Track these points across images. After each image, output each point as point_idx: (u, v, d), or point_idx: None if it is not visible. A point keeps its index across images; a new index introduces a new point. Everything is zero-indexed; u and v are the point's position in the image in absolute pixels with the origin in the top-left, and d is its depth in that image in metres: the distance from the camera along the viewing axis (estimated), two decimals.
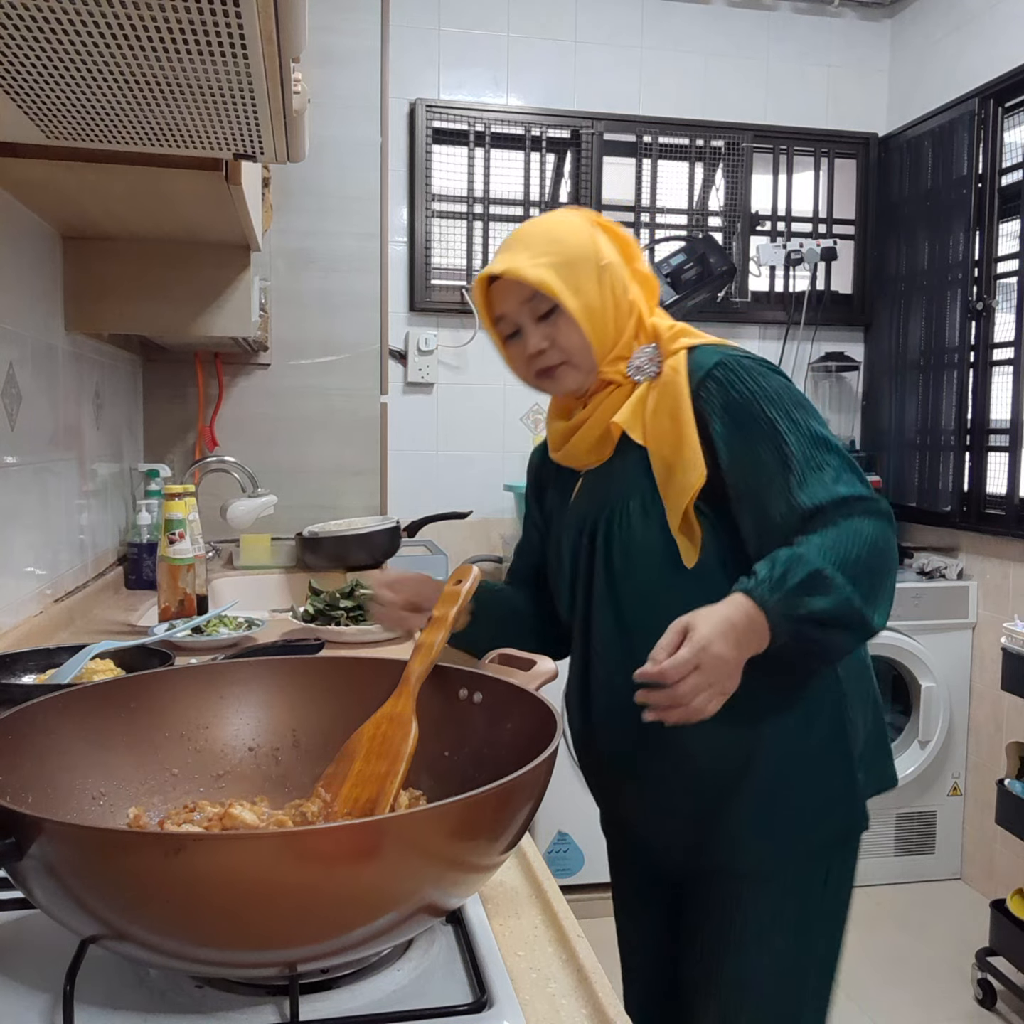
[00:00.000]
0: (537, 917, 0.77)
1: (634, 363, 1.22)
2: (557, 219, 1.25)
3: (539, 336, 1.21)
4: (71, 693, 0.79)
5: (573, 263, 1.19)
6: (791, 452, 1.09)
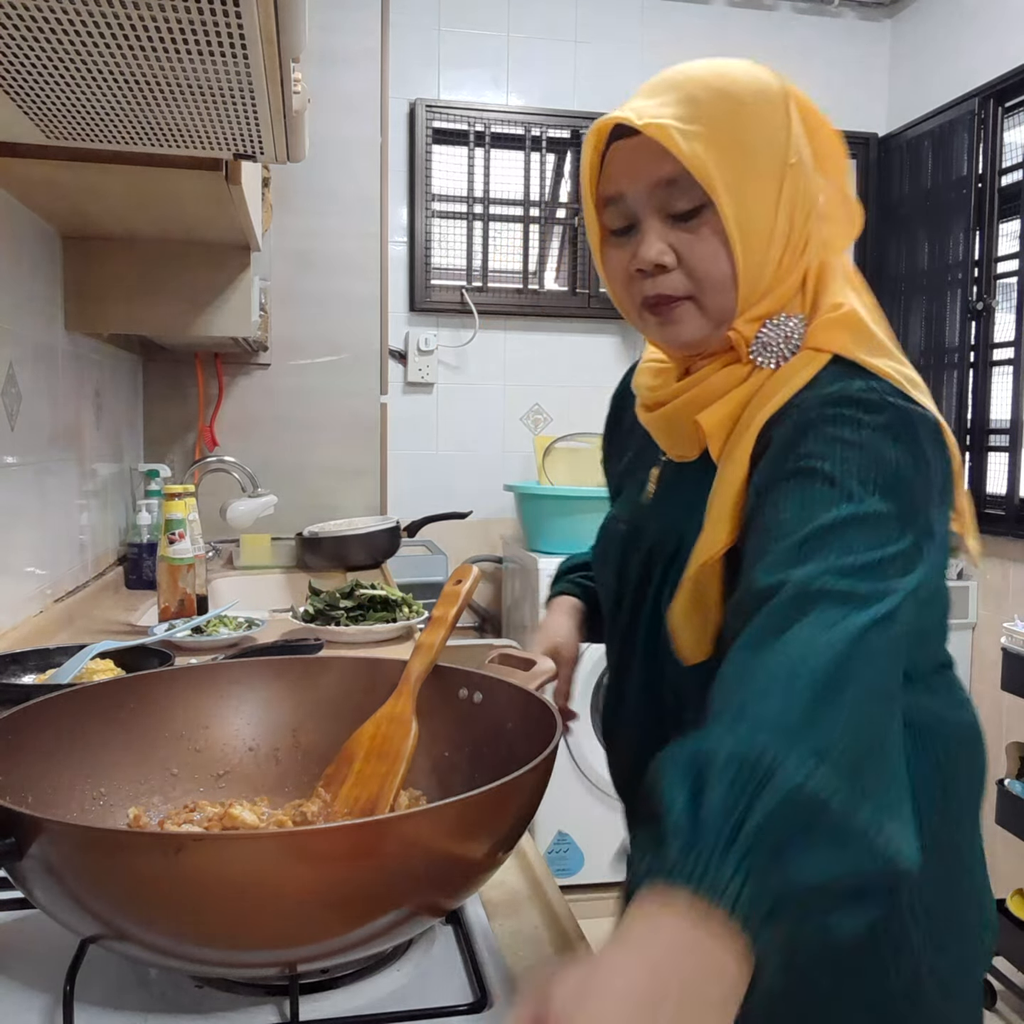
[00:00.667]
0: (537, 917, 0.77)
1: (764, 336, 0.82)
2: (734, 67, 0.82)
3: (665, 243, 0.81)
4: (71, 693, 0.79)
5: (750, 146, 0.79)
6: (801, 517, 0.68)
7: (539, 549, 2.86)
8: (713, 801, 0.51)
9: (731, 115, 0.79)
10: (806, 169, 0.83)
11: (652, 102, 0.80)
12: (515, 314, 3.21)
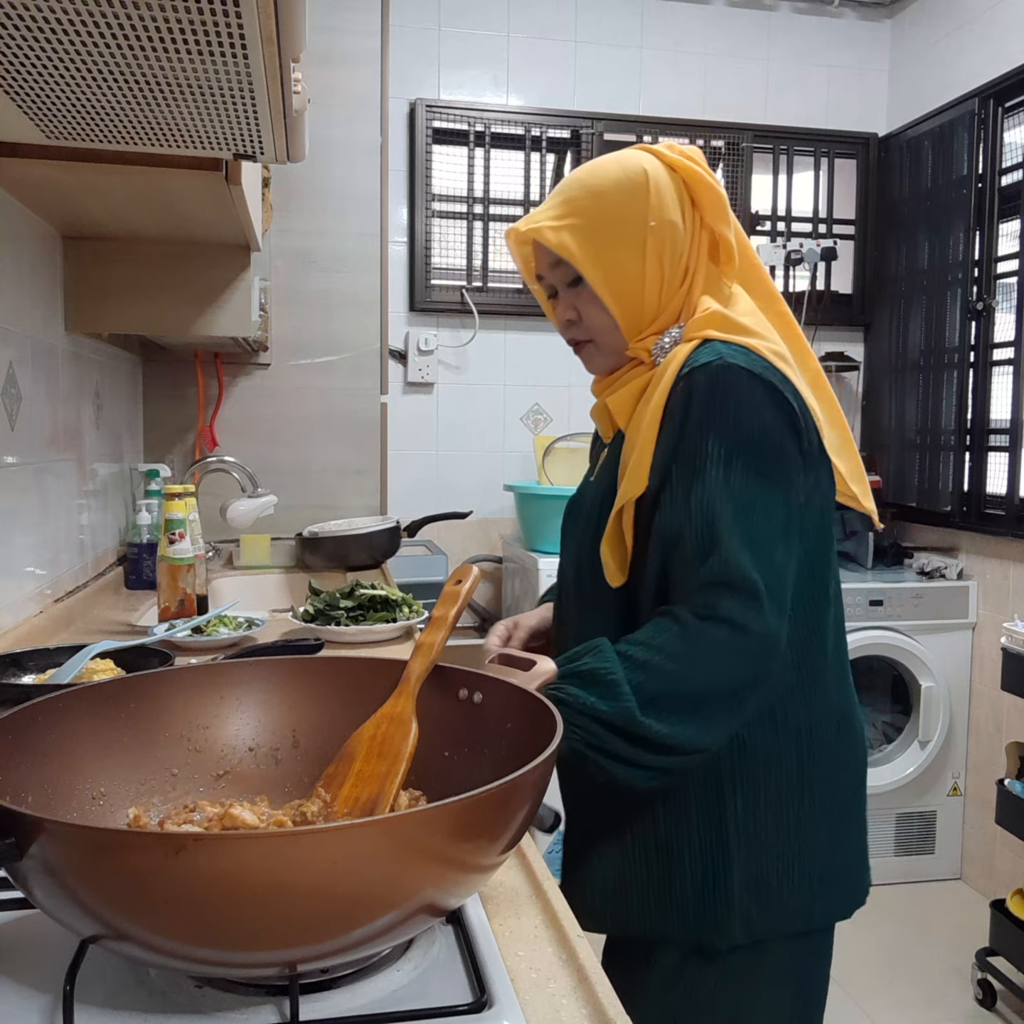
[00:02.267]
0: (537, 917, 0.77)
1: (660, 342, 1.07)
2: (611, 164, 1.07)
3: (566, 305, 1.10)
4: (71, 693, 0.79)
5: (605, 225, 1.04)
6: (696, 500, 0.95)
7: (539, 549, 2.86)
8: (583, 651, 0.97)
9: (593, 205, 1.05)
10: (669, 226, 1.05)
11: (541, 209, 1.09)
12: (515, 314, 3.21)
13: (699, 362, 0.99)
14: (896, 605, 2.96)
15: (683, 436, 0.97)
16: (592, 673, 0.94)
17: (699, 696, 0.94)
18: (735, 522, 0.93)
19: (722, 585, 0.93)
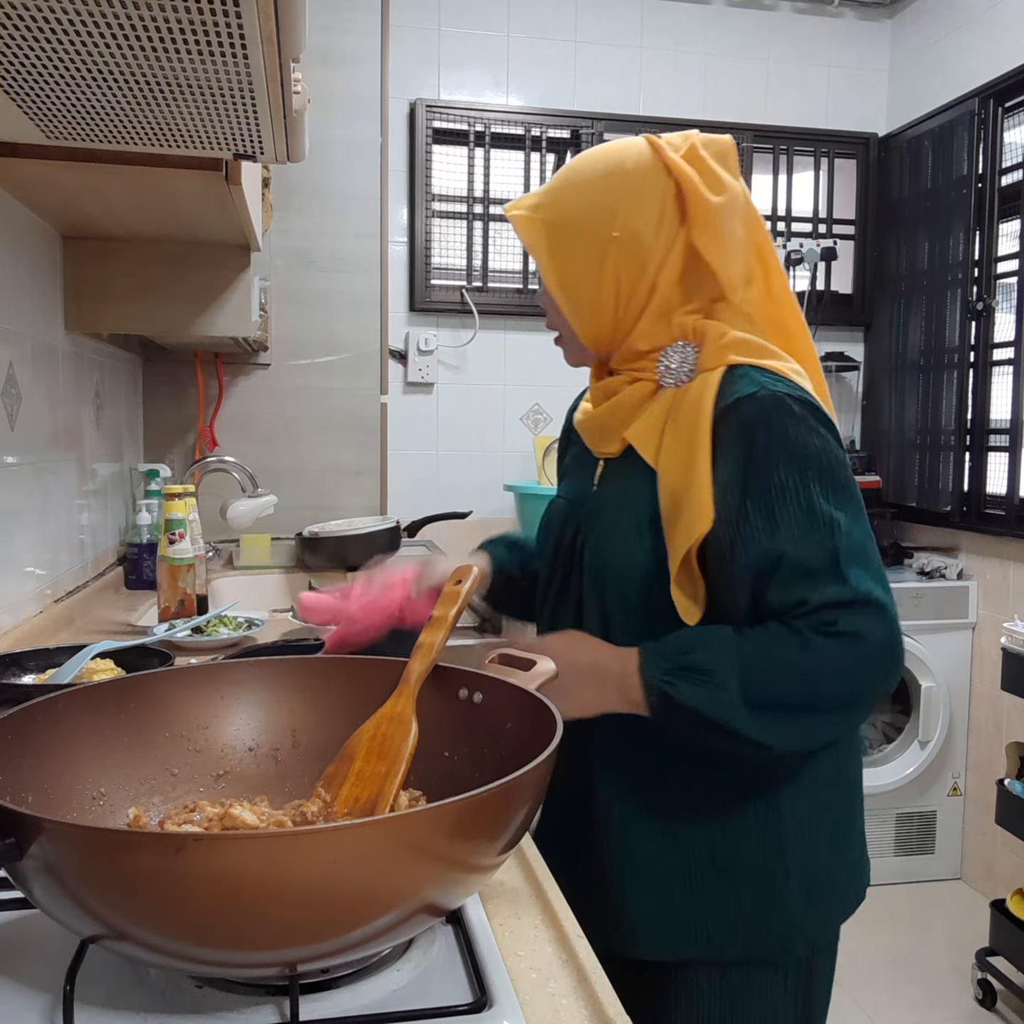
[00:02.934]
0: (537, 917, 0.77)
1: (666, 361, 1.02)
2: (602, 155, 1.01)
3: (544, 296, 1.07)
4: (71, 693, 0.79)
5: (569, 224, 1.00)
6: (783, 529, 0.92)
7: None
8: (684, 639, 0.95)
9: (568, 198, 1.00)
10: (634, 239, 0.98)
11: (529, 195, 1.04)
12: (515, 314, 3.21)
13: (742, 393, 0.95)
14: (896, 605, 2.95)
15: (750, 468, 0.93)
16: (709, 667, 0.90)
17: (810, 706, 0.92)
18: (833, 542, 0.91)
19: (839, 605, 0.90)
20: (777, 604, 0.92)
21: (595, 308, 1.02)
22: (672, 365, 1.01)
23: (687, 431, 0.97)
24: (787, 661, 0.90)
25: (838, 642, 0.90)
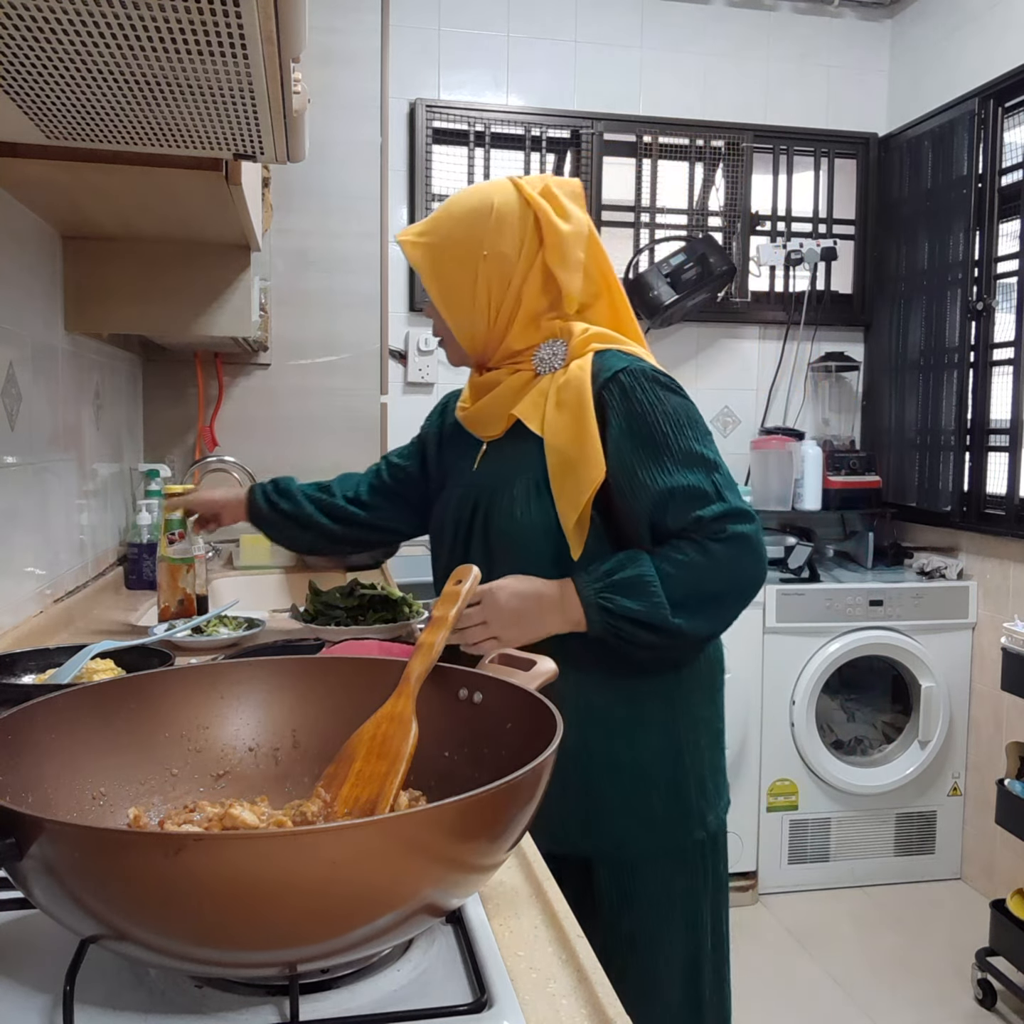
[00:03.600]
0: (537, 917, 0.77)
1: (539, 355, 1.27)
2: (474, 192, 1.26)
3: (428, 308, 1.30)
4: (71, 693, 0.79)
5: (447, 247, 1.23)
6: (672, 468, 1.16)
7: None
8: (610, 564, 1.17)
9: (446, 228, 1.23)
10: (501, 257, 1.22)
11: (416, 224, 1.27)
12: None
13: (617, 367, 1.20)
14: (896, 605, 2.96)
15: (634, 425, 1.18)
16: (634, 581, 1.15)
17: (718, 597, 1.18)
18: (710, 475, 1.18)
19: (724, 517, 1.16)
20: (674, 527, 1.17)
21: (471, 316, 1.26)
22: (545, 357, 1.26)
23: (572, 402, 1.20)
24: (695, 564, 1.16)
25: (728, 544, 1.16)
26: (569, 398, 1.20)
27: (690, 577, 1.15)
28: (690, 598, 1.15)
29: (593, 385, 1.20)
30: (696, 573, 1.16)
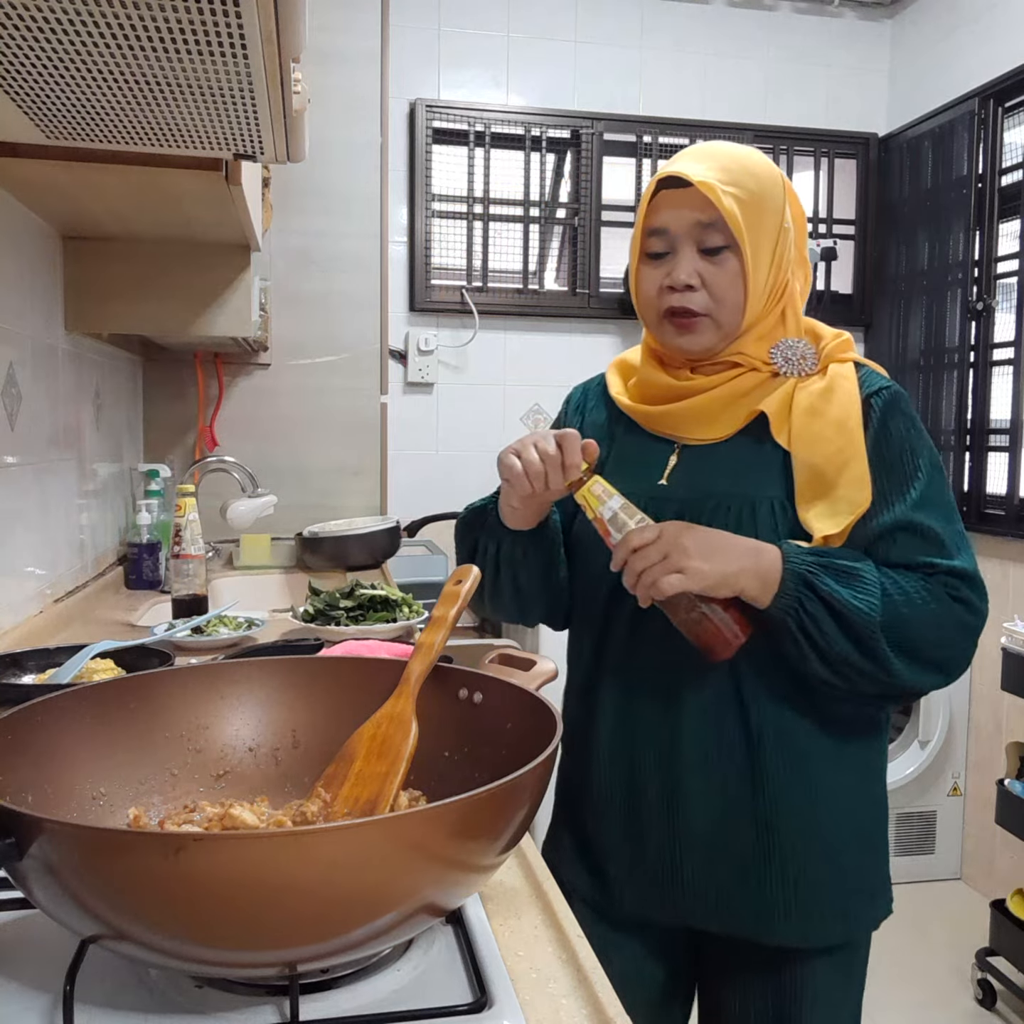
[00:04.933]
0: (537, 917, 0.77)
1: (782, 353, 1.09)
2: (752, 153, 1.08)
3: (691, 269, 1.04)
4: (71, 693, 0.79)
5: (763, 209, 1.04)
6: (916, 502, 1.02)
7: None
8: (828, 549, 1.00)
9: (753, 186, 1.04)
10: (791, 235, 1.08)
11: (699, 166, 1.04)
12: (515, 314, 3.21)
13: (881, 385, 1.07)
14: None
15: (886, 447, 1.04)
16: (852, 571, 0.98)
17: (932, 646, 1.00)
18: (953, 525, 1.04)
19: (961, 576, 1.03)
20: (897, 562, 1.01)
21: (764, 291, 1.07)
22: (791, 357, 1.09)
23: (837, 413, 1.04)
24: (922, 602, 0.99)
25: (959, 606, 1.02)
26: (831, 409, 1.04)
27: (913, 610, 0.98)
28: (905, 630, 0.97)
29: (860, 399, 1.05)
30: (920, 611, 0.98)
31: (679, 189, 1.04)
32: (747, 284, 1.04)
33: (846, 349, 1.09)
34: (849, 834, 1.08)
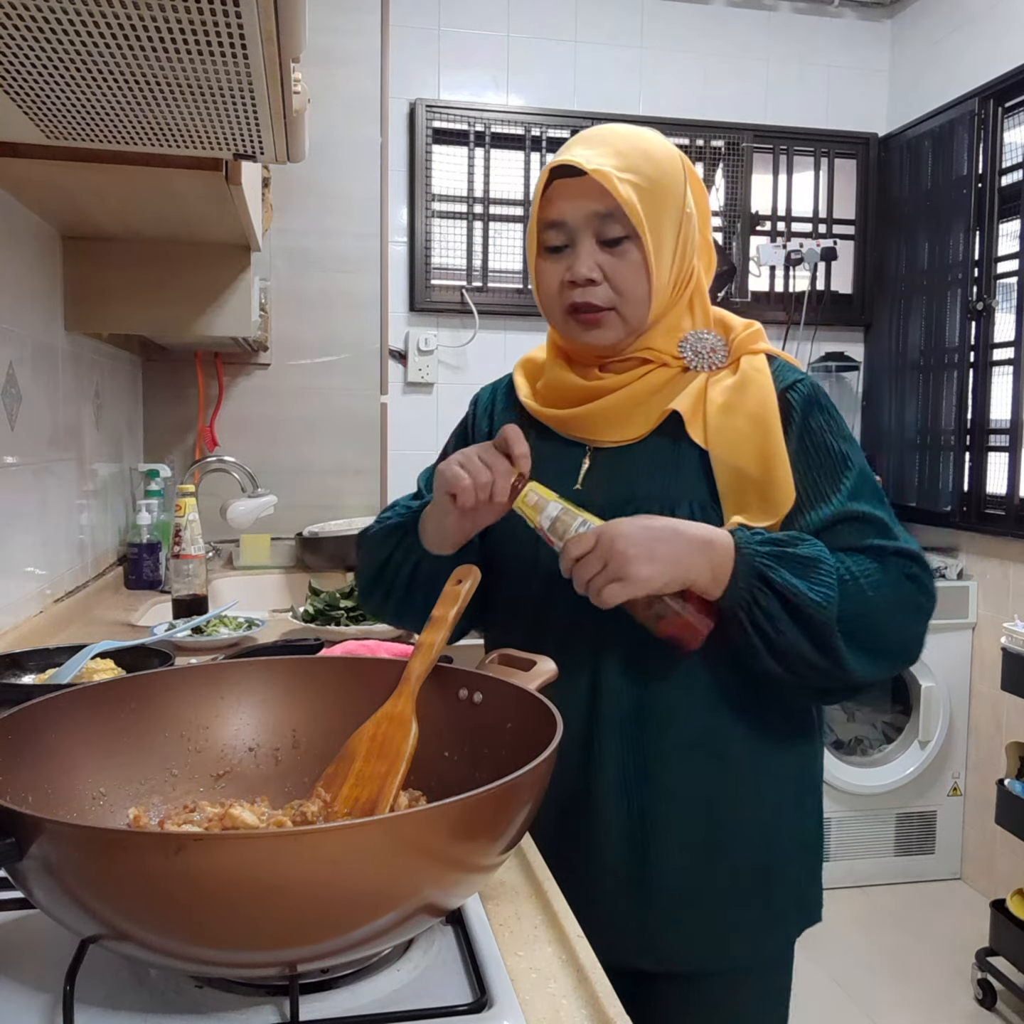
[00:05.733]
0: (537, 917, 0.77)
1: (691, 346, 1.04)
2: (649, 135, 1.02)
3: (591, 263, 0.99)
4: (71, 693, 0.79)
5: (663, 195, 0.99)
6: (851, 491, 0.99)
7: None
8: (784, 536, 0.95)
9: (651, 171, 0.98)
10: (694, 220, 1.03)
11: (591, 152, 0.98)
12: (515, 314, 3.21)
13: (795, 378, 1.03)
14: None
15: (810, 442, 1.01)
16: (807, 562, 0.92)
17: (886, 636, 0.95)
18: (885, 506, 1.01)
19: (905, 554, 0.97)
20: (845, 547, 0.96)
21: (668, 281, 1.01)
22: (700, 350, 1.03)
23: (753, 410, 0.99)
24: (877, 587, 0.93)
25: (911, 585, 0.96)
26: (747, 404, 0.99)
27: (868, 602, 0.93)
28: (861, 621, 0.93)
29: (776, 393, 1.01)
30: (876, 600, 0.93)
31: (573, 178, 0.98)
32: (651, 275, 0.99)
33: (756, 340, 1.04)
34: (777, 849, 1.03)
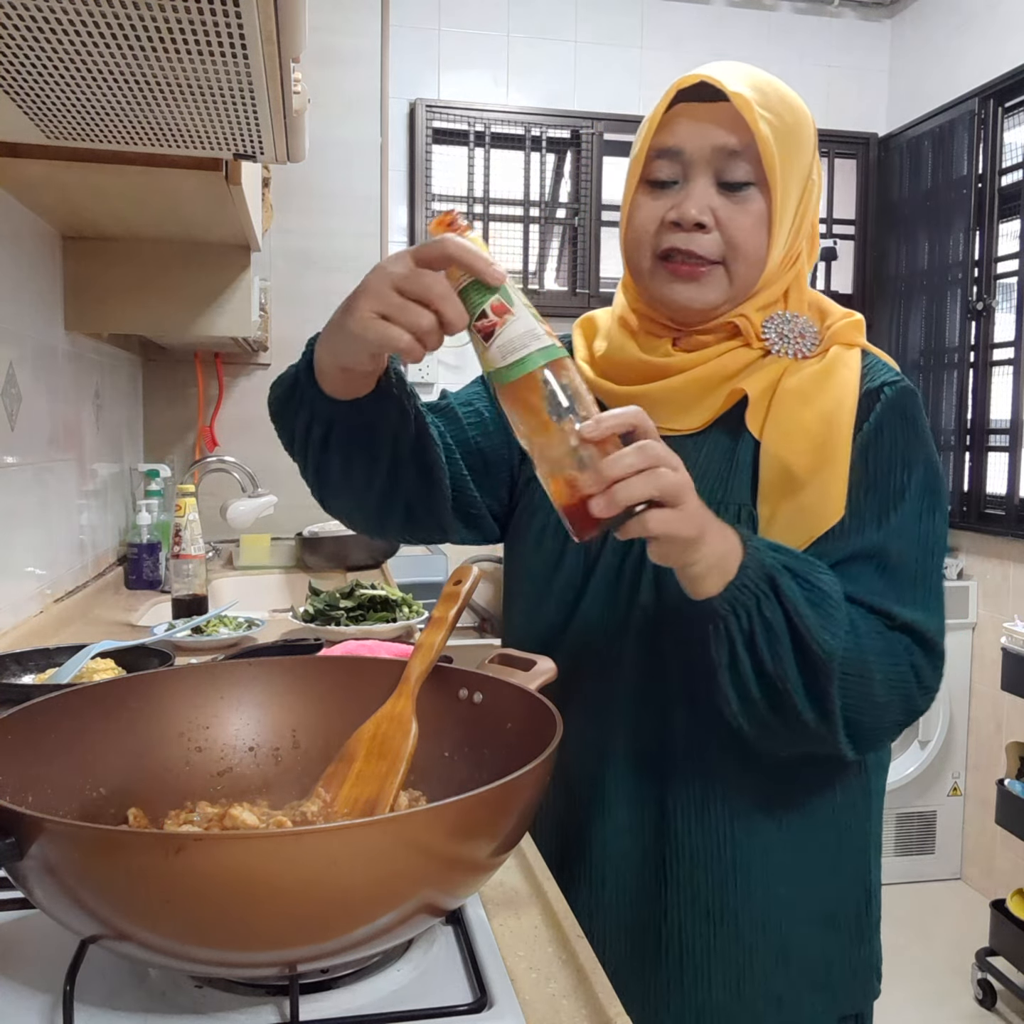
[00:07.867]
0: (537, 917, 0.77)
1: (776, 327, 0.89)
2: (793, 97, 0.91)
3: (703, 205, 0.83)
4: (71, 693, 0.79)
5: (795, 146, 0.85)
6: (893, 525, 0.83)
7: None
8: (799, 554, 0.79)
9: (789, 117, 0.86)
10: (816, 192, 0.89)
11: (734, 78, 0.84)
12: None
13: (886, 380, 0.89)
14: None
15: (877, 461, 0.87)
16: (821, 589, 0.77)
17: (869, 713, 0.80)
18: (935, 571, 0.84)
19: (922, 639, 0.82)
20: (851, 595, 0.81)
21: (784, 239, 0.87)
22: (786, 333, 0.89)
23: (824, 406, 0.85)
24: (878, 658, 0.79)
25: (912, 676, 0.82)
26: (822, 398, 0.85)
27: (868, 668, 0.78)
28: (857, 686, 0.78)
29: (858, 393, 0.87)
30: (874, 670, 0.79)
31: (704, 103, 0.84)
32: (772, 232, 0.84)
33: (855, 332, 0.90)
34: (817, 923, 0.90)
